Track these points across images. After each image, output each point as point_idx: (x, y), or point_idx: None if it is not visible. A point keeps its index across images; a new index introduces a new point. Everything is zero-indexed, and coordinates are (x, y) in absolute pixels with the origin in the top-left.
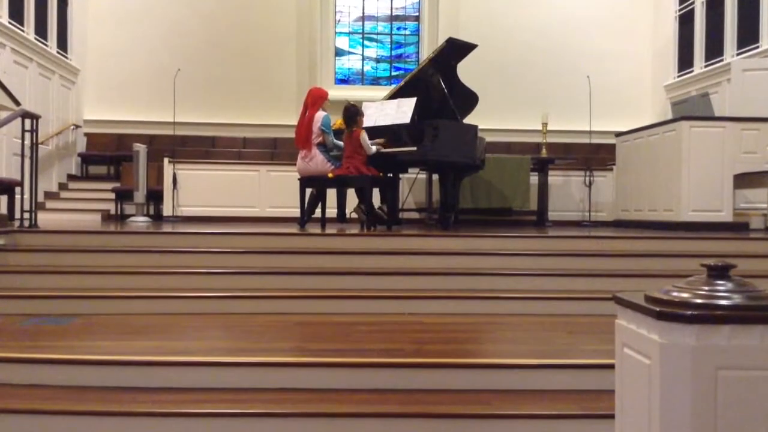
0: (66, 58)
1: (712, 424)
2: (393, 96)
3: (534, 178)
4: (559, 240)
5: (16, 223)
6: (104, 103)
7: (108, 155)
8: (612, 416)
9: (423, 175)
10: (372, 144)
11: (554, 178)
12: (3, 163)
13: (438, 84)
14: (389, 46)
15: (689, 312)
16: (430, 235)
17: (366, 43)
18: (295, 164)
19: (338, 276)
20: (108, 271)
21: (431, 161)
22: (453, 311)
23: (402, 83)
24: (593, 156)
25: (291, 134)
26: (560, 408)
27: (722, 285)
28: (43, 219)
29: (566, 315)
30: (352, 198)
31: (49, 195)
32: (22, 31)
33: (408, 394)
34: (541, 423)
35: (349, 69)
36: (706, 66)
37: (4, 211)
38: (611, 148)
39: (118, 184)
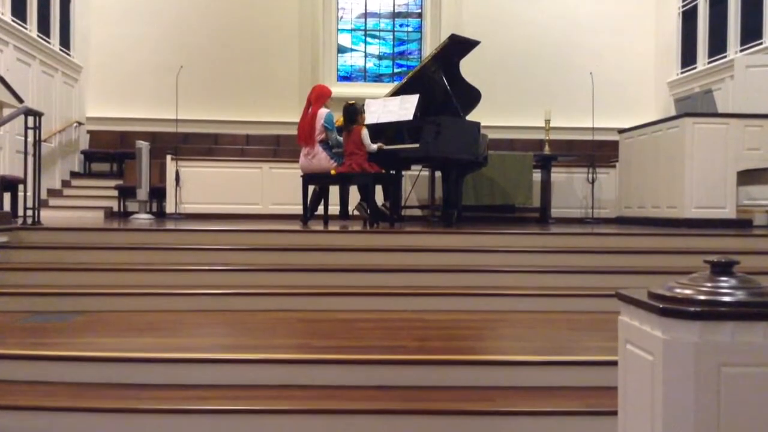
0: (68, 55)
1: (715, 420)
2: (396, 93)
3: (537, 175)
4: (562, 237)
5: (20, 221)
6: (107, 100)
7: (111, 152)
8: (615, 413)
9: (426, 172)
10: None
11: (557, 175)
12: (6, 160)
13: (440, 81)
14: (392, 43)
15: (692, 308)
16: (432, 232)
17: (368, 40)
18: (297, 161)
19: (341, 273)
20: (111, 268)
21: (434, 158)
22: (456, 308)
23: (404, 80)
24: (596, 153)
25: (293, 131)
26: (563, 405)
27: (725, 281)
28: (46, 216)
29: (569, 312)
30: (355, 195)
31: (52, 192)
32: (25, 28)
33: (411, 390)
34: (544, 420)
35: (351, 66)
36: (709, 62)
37: (8, 208)
38: (614, 144)
39: (120, 182)
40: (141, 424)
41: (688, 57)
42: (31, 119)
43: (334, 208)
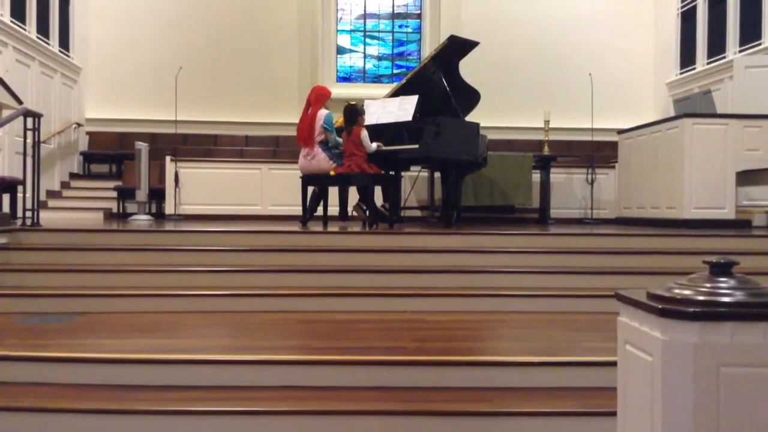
0: (68, 56)
1: (714, 421)
2: (395, 94)
3: (536, 176)
4: (561, 237)
5: (19, 222)
6: (106, 101)
7: (110, 154)
8: (614, 414)
9: (425, 173)
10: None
11: (556, 175)
12: (5, 161)
13: (440, 81)
14: (391, 43)
15: (692, 309)
16: (432, 232)
17: (368, 40)
18: (297, 162)
19: (340, 273)
20: (110, 270)
21: (433, 158)
22: (455, 309)
23: (404, 81)
24: (595, 153)
25: (293, 132)
26: (562, 405)
27: (725, 282)
28: (46, 217)
29: (568, 312)
30: (354, 196)
31: (51, 193)
32: (24, 29)
33: (410, 391)
34: (543, 420)
35: (350, 67)
36: (708, 63)
37: (7, 209)
38: (613, 145)
39: (120, 183)
40: (140, 426)
41: (687, 57)
42: (30, 120)
43: (334, 209)
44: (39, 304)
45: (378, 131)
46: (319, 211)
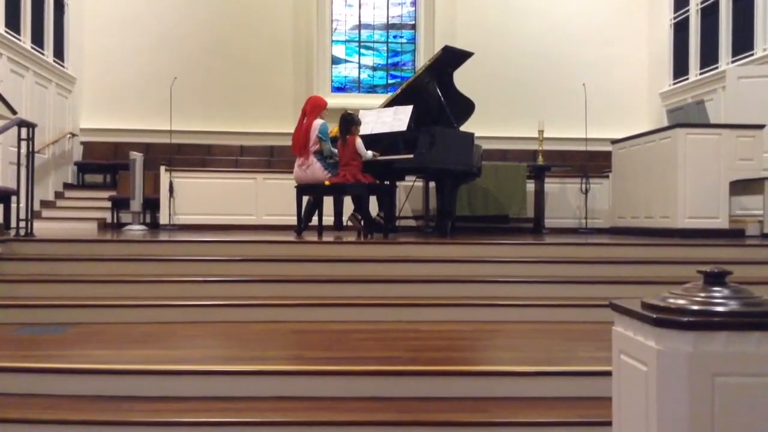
0: (62, 66)
1: (709, 430)
2: (390, 104)
3: (530, 186)
4: (555, 247)
5: (12, 232)
6: (101, 111)
7: (104, 164)
8: (609, 423)
9: (420, 183)
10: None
11: (551, 185)
12: None
13: (434, 92)
14: (385, 54)
15: (686, 319)
16: (427, 242)
17: (362, 51)
18: (292, 172)
19: (335, 283)
20: (104, 280)
21: (428, 169)
22: (450, 318)
23: (398, 91)
24: (589, 163)
25: (288, 142)
26: (557, 415)
27: (719, 291)
28: (39, 228)
29: (563, 322)
30: (349, 206)
31: (45, 204)
32: (19, 39)
33: (405, 401)
34: (539, 430)
35: (345, 77)
36: (701, 73)
37: (0, 219)
38: (607, 155)
39: (114, 193)
40: None
41: (680, 68)
42: (24, 130)
43: (329, 219)
44: (32, 314)
45: (373, 141)
46: (314, 220)
